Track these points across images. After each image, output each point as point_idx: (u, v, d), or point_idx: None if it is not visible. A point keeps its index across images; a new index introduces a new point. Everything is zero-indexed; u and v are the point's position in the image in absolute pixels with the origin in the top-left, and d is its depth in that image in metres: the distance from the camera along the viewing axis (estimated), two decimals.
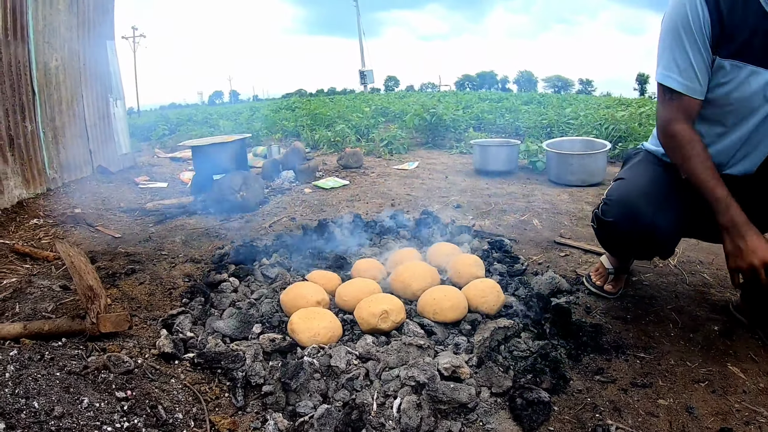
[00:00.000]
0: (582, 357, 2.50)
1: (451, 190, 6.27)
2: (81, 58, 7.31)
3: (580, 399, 2.21)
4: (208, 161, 6.18)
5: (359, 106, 17.49)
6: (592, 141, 7.22)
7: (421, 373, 2.14)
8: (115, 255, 3.86)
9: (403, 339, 2.44)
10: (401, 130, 10.84)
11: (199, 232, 4.56)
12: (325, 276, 3.22)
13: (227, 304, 3.00)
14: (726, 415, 2.10)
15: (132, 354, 2.39)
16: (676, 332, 2.74)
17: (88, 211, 5.34)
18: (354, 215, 4.70)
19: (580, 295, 3.17)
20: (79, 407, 1.85)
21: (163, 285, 3.34)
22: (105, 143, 7.95)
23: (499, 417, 2.10)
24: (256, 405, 2.19)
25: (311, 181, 6.92)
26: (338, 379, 2.24)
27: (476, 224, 4.65)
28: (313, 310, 2.69)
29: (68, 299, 2.98)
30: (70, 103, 6.99)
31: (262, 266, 3.46)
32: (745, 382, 2.31)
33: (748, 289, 2.60)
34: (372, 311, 2.62)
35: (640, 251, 2.75)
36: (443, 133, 10.75)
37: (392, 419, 2.02)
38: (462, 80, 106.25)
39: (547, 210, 5.17)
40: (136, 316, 2.89)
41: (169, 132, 16.19)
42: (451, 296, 2.79)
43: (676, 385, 2.30)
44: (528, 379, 2.27)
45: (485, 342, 2.46)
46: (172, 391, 2.18)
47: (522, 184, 6.76)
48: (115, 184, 7.12)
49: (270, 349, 2.44)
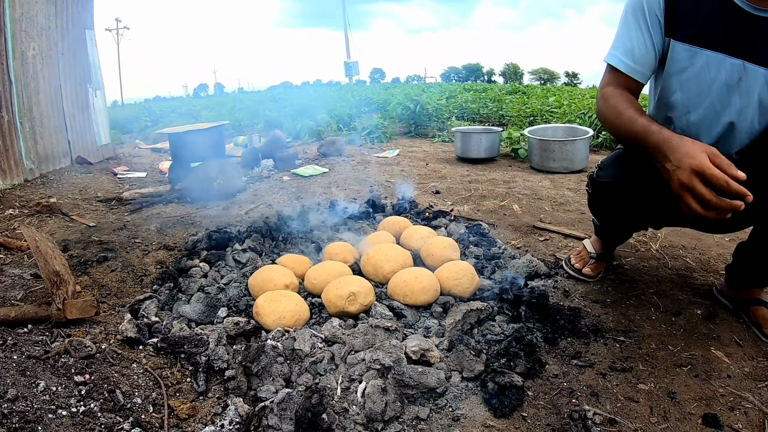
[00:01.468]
0: (559, 341, 2.43)
1: (431, 177, 6.21)
2: (59, 48, 7.20)
3: (556, 383, 2.14)
4: (186, 149, 6.07)
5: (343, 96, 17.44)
6: (574, 128, 7.17)
7: (386, 356, 2.05)
8: (88, 243, 3.78)
9: (370, 321, 2.37)
10: (384, 120, 10.77)
11: (175, 220, 4.48)
12: (295, 260, 3.14)
13: (195, 289, 2.92)
14: (709, 401, 2.04)
15: (96, 340, 2.33)
16: (658, 316, 2.68)
17: (64, 201, 5.25)
18: (330, 201, 4.62)
19: (558, 278, 3.11)
20: (34, 390, 1.83)
21: (134, 272, 3.27)
22: (84, 134, 7.85)
23: (470, 402, 2.03)
24: (218, 390, 2.14)
25: (290, 169, 6.83)
26: (302, 362, 2.18)
27: (455, 209, 4.56)
28: (279, 293, 2.60)
29: (38, 287, 2.91)
30: (48, 93, 6.87)
31: (234, 251, 3.37)
32: (729, 366, 2.26)
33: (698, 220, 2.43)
34: (339, 293, 2.54)
35: (632, 217, 2.69)
36: (426, 122, 10.71)
37: (356, 404, 1.95)
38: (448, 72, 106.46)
39: (528, 196, 5.10)
40: (105, 303, 2.83)
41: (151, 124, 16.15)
42: (422, 278, 2.70)
43: (657, 369, 2.24)
44: (501, 363, 2.19)
45: (457, 325, 2.38)
46: (133, 375, 2.14)
47: (503, 170, 6.70)
48: (93, 174, 7.02)
49: (234, 332, 2.37)
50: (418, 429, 1.90)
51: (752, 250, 2.49)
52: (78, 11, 7.69)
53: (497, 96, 15.81)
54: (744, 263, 2.59)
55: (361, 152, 8.44)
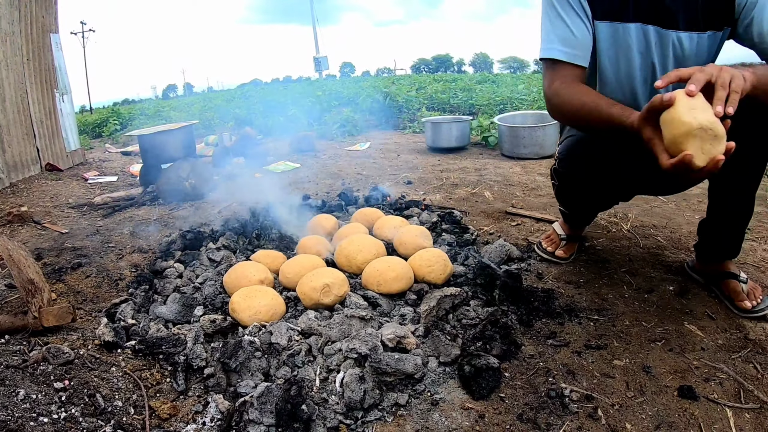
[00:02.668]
0: (534, 322, 2.46)
1: (402, 168, 6.22)
2: (24, 53, 7.11)
3: (533, 364, 2.17)
4: (156, 150, 6.02)
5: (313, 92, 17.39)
6: (544, 114, 7.21)
7: (362, 344, 2.06)
8: (61, 250, 3.74)
9: (346, 312, 2.36)
10: (354, 113, 10.76)
11: (148, 223, 4.45)
12: (269, 255, 3.14)
13: (171, 289, 2.90)
14: (684, 373, 2.08)
15: (74, 346, 2.31)
16: (631, 294, 2.71)
17: (36, 209, 5.19)
18: (303, 195, 4.62)
19: (531, 262, 3.13)
20: (14, 399, 1.82)
21: (109, 277, 3.24)
22: (53, 140, 7.76)
23: (448, 386, 2.04)
24: (198, 389, 2.13)
25: (262, 166, 6.81)
26: (280, 356, 2.18)
27: (427, 198, 4.58)
28: (254, 289, 2.60)
29: (13, 297, 2.86)
30: (14, 100, 6.79)
31: (208, 250, 3.36)
32: (702, 339, 2.29)
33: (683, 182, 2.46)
34: (313, 286, 2.54)
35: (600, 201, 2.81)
36: (396, 114, 10.73)
37: (335, 393, 1.97)
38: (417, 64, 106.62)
39: (499, 182, 5.13)
40: (82, 309, 2.80)
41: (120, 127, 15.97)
42: (395, 267, 2.71)
43: (631, 345, 2.27)
44: (477, 346, 2.21)
45: (432, 311, 2.39)
46: (112, 379, 2.12)
47: (474, 159, 6.73)
48: (63, 180, 6.95)
49: (211, 330, 2.36)
50: (398, 415, 1.91)
51: (714, 223, 2.57)
52: (42, 15, 7.59)
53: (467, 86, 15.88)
54: (709, 238, 2.65)
55: (332, 146, 8.43)
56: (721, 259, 2.65)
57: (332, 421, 1.85)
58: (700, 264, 2.79)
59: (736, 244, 2.59)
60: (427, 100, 12.63)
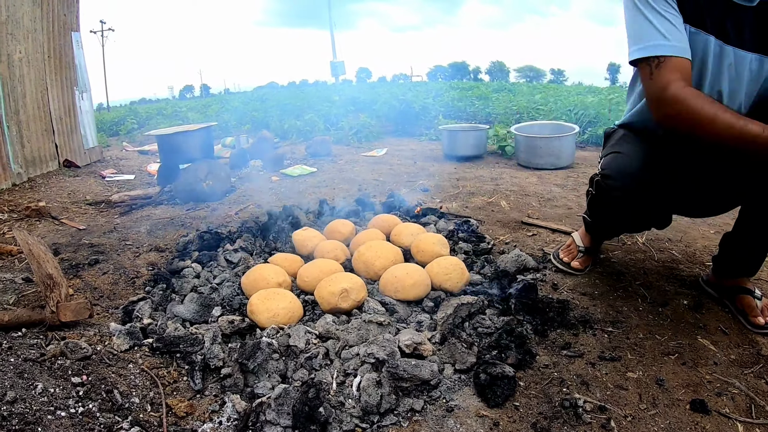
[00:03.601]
0: (548, 332, 2.47)
1: (419, 175, 6.22)
2: (45, 51, 7.17)
3: (547, 374, 2.18)
4: (174, 151, 6.05)
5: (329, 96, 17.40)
6: (561, 125, 7.21)
7: (380, 349, 2.08)
8: (79, 246, 3.77)
9: (363, 317, 2.39)
10: (370, 119, 10.77)
11: (165, 222, 4.47)
12: (287, 258, 3.16)
13: (188, 289, 2.93)
14: (697, 387, 2.08)
15: (92, 342, 2.34)
16: (645, 307, 2.71)
17: (53, 204, 5.23)
18: (320, 200, 4.63)
19: (547, 272, 3.14)
20: (32, 392, 1.84)
21: (126, 274, 3.27)
22: (71, 137, 7.82)
23: (463, 393, 2.06)
24: (215, 388, 2.15)
25: (279, 170, 6.83)
26: (297, 358, 2.20)
27: (443, 206, 4.59)
28: (272, 291, 2.63)
29: (30, 291, 2.90)
30: (34, 97, 6.85)
31: (226, 252, 3.39)
32: (715, 354, 2.30)
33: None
34: (332, 290, 2.57)
35: (639, 219, 2.63)
36: (413, 120, 10.73)
37: (352, 398, 1.98)
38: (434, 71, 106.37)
39: (516, 192, 5.12)
40: (98, 305, 2.83)
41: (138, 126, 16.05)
42: (413, 274, 2.74)
43: (645, 358, 2.27)
44: (493, 355, 2.23)
45: (448, 319, 2.41)
46: (130, 375, 2.15)
47: (490, 168, 6.73)
48: (81, 177, 7.00)
49: (229, 331, 2.39)
50: (413, 420, 1.93)
51: (738, 239, 2.55)
52: (64, 14, 7.66)
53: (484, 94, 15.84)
54: (730, 253, 2.63)
55: (348, 151, 8.42)
56: (738, 275, 2.63)
57: (348, 424, 1.87)
58: (716, 278, 2.77)
59: (757, 263, 2.57)
60: (443, 107, 12.62)
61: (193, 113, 16.66)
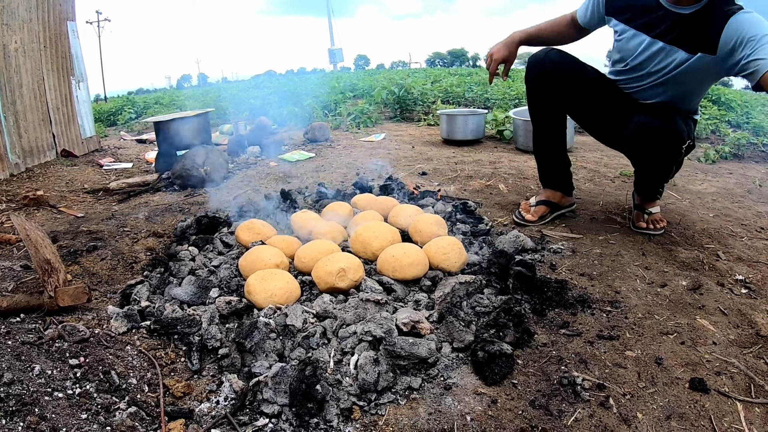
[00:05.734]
0: (547, 312, 2.47)
1: (417, 159, 6.20)
2: (41, 40, 7.14)
3: (545, 352, 2.18)
4: (171, 137, 6.04)
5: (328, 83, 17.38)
6: None
7: (377, 327, 2.08)
8: (77, 233, 3.76)
9: (361, 296, 2.38)
10: (369, 105, 10.75)
11: (163, 208, 4.46)
12: (284, 240, 3.15)
13: (186, 272, 2.92)
14: (696, 366, 2.09)
15: (89, 325, 2.34)
16: (644, 287, 2.72)
17: (51, 193, 5.22)
18: (318, 183, 4.62)
19: (545, 253, 3.14)
20: (30, 374, 1.85)
21: (124, 259, 3.27)
22: (69, 127, 7.78)
23: (461, 371, 2.06)
24: (212, 368, 2.16)
25: (277, 155, 6.82)
26: (294, 338, 2.19)
27: (442, 189, 4.58)
28: (269, 272, 2.62)
29: (29, 278, 2.89)
30: (30, 87, 6.82)
31: (222, 235, 3.38)
32: (714, 334, 2.30)
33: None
34: (329, 270, 2.56)
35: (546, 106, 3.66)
36: (411, 106, 10.71)
37: (349, 375, 1.98)
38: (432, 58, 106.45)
39: (514, 175, 5.12)
40: (96, 290, 2.83)
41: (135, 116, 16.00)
42: (410, 253, 2.73)
43: (644, 337, 2.28)
44: (491, 333, 2.22)
45: (446, 297, 2.41)
46: (127, 357, 2.15)
47: (489, 152, 6.72)
48: (79, 167, 6.97)
49: (226, 311, 2.39)
50: (411, 398, 1.93)
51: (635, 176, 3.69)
52: (59, 3, 7.61)
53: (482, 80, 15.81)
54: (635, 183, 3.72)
55: (347, 137, 8.40)
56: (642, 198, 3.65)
57: (346, 402, 1.87)
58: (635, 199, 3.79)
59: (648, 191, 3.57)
60: (442, 93, 12.59)
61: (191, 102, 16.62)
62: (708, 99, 10.19)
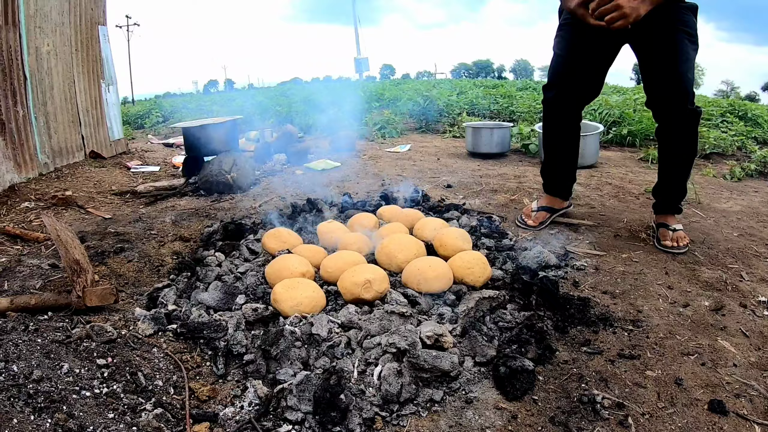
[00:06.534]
0: (569, 329, 2.48)
1: (442, 171, 6.22)
2: (73, 44, 7.26)
3: (566, 369, 2.19)
4: (200, 143, 6.11)
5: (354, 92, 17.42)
6: (584, 124, 7.14)
7: (402, 339, 2.10)
8: (104, 235, 3.82)
9: (386, 308, 2.40)
10: (395, 115, 10.79)
11: (189, 213, 4.52)
12: (310, 249, 3.18)
13: (213, 277, 2.96)
14: (716, 388, 2.08)
15: (116, 326, 2.37)
16: (666, 307, 2.72)
17: (79, 194, 5.29)
18: (343, 194, 4.65)
19: (568, 270, 3.14)
20: (58, 372, 1.89)
21: (151, 262, 3.32)
22: (97, 129, 7.90)
23: (482, 386, 2.08)
24: (237, 374, 2.19)
25: (303, 164, 6.86)
26: (319, 347, 2.22)
27: (466, 203, 4.60)
28: (296, 281, 2.65)
29: (56, 276, 2.97)
30: (62, 89, 6.93)
31: (248, 242, 3.42)
32: (735, 355, 2.30)
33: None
34: (355, 281, 2.59)
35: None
36: (437, 117, 10.73)
37: (372, 386, 2.00)
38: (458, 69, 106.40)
39: (538, 190, 5.10)
40: (123, 292, 2.88)
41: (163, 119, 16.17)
42: (435, 267, 2.75)
43: (664, 357, 2.28)
44: (513, 349, 2.24)
45: (470, 312, 2.43)
46: (154, 359, 2.19)
47: (514, 165, 6.73)
48: (107, 168, 7.07)
49: (252, 318, 2.42)
50: (432, 411, 1.95)
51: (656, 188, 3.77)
52: (91, 7, 7.74)
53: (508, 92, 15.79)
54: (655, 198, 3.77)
55: (372, 147, 8.44)
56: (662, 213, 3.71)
57: (368, 412, 1.89)
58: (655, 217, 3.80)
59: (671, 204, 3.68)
60: (467, 105, 12.60)
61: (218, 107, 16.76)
62: (735, 114, 10.05)
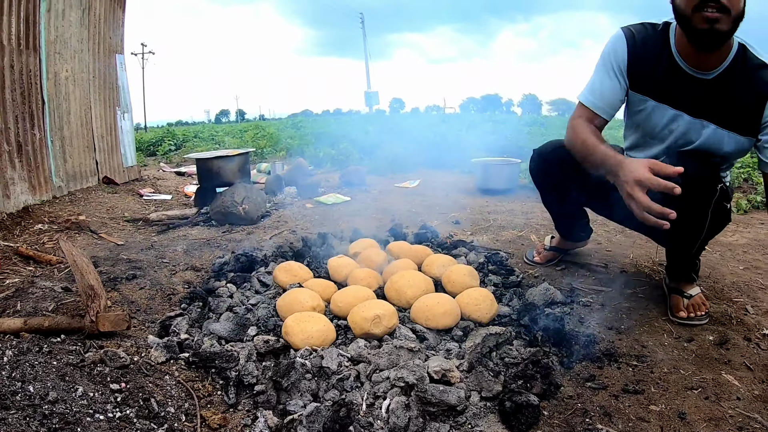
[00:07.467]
0: (574, 364, 2.51)
1: (451, 207, 6.26)
2: (90, 71, 7.41)
3: (571, 404, 2.22)
4: (212, 174, 6.21)
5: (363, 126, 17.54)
6: None
7: (410, 374, 2.15)
8: (117, 261, 3.88)
9: (395, 342, 2.45)
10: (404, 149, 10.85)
11: (201, 242, 4.57)
12: (321, 284, 3.23)
13: (224, 308, 3.01)
14: (719, 421, 2.10)
15: (129, 352, 2.43)
16: (670, 342, 2.75)
17: (92, 219, 5.38)
18: (354, 229, 4.71)
19: (574, 306, 3.17)
20: (73, 395, 1.93)
21: (162, 290, 3.37)
22: (111, 155, 8.03)
23: (488, 420, 2.10)
24: (247, 403, 2.21)
25: (313, 197, 6.93)
26: (329, 379, 2.26)
27: (474, 239, 4.65)
28: (307, 314, 2.70)
29: (69, 300, 3.01)
30: (78, 114, 7.08)
31: (260, 274, 3.48)
32: (739, 389, 2.32)
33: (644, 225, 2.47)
34: (364, 316, 2.64)
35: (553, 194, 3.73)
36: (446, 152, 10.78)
37: (381, 419, 2.04)
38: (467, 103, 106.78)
39: (546, 227, 5.16)
40: (135, 318, 2.92)
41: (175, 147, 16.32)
42: (443, 303, 2.80)
43: (668, 392, 2.30)
44: (518, 384, 2.27)
45: (476, 348, 2.47)
46: (166, 386, 2.22)
47: (522, 201, 6.78)
48: (120, 194, 7.17)
49: (264, 350, 2.46)
50: None
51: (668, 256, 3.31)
52: (109, 36, 7.92)
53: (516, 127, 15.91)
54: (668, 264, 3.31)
55: (382, 181, 8.50)
56: (676, 280, 3.18)
57: None
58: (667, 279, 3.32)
59: (684, 274, 3.16)
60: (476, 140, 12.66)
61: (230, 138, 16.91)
62: None
